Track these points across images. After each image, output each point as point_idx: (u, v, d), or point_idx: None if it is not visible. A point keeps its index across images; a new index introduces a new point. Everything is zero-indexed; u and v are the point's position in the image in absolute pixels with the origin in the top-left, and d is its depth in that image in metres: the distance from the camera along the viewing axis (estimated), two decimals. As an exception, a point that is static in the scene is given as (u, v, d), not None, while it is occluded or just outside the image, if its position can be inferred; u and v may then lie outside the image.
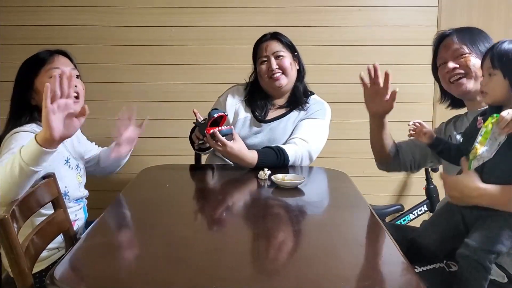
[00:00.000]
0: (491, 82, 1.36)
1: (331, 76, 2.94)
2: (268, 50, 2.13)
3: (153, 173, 2.04)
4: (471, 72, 1.61)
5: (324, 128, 2.18)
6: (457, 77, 1.64)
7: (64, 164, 1.63)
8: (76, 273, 1.11)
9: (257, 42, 2.20)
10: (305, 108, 2.17)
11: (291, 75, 2.15)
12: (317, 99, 2.24)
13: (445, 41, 1.69)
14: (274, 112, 2.20)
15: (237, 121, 2.18)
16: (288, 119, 2.16)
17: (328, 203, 1.66)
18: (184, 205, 1.69)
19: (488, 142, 1.28)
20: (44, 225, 1.42)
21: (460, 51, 1.64)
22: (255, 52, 2.20)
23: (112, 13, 2.91)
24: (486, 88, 1.37)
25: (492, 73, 1.35)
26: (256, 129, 2.16)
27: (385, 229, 1.35)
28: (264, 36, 2.19)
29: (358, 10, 2.90)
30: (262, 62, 2.14)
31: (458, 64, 1.64)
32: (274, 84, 2.13)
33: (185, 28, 2.92)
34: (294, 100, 2.19)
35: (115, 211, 1.53)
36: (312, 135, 2.11)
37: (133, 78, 2.96)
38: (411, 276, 1.05)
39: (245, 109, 2.21)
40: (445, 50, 1.69)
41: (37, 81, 1.63)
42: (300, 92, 2.20)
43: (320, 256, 1.17)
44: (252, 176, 1.90)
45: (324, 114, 2.19)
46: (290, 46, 2.18)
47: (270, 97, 2.21)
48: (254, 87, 2.24)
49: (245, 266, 1.14)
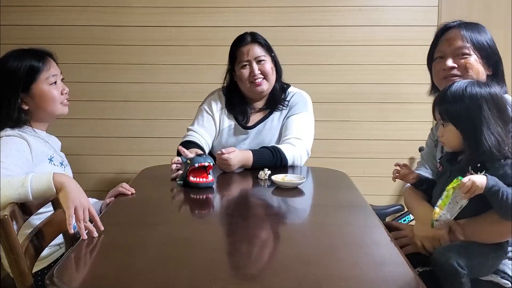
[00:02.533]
0: (445, 132, 1.38)
1: (331, 76, 2.94)
2: (250, 54, 2.09)
3: (153, 173, 2.04)
4: (467, 75, 1.53)
5: (310, 119, 2.19)
6: (451, 76, 1.56)
7: (49, 163, 1.63)
8: (76, 273, 1.11)
9: (236, 44, 2.14)
10: (285, 105, 2.18)
11: (271, 80, 2.14)
12: (295, 91, 2.23)
13: (449, 33, 1.58)
14: (255, 116, 2.19)
15: (222, 129, 2.18)
16: (272, 120, 2.17)
17: (328, 203, 1.66)
18: (184, 205, 1.69)
19: (447, 206, 1.31)
20: (44, 225, 1.41)
21: (462, 50, 1.55)
22: (233, 54, 2.14)
23: (111, 13, 2.91)
24: (443, 138, 1.41)
25: (445, 124, 1.38)
26: (242, 136, 2.16)
27: (385, 229, 1.35)
28: (243, 39, 2.13)
29: (358, 10, 2.90)
30: (243, 67, 2.10)
31: (457, 63, 1.55)
32: (256, 90, 2.12)
33: (185, 28, 2.92)
34: (273, 101, 2.19)
35: (115, 211, 1.53)
36: (303, 131, 2.12)
37: (132, 78, 2.96)
38: (411, 276, 1.05)
39: (228, 117, 2.19)
40: (446, 44, 1.58)
41: (35, 87, 1.64)
42: (278, 92, 2.20)
43: (320, 256, 1.17)
44: (252, 176, 1.89)
45: (305, 105, 2.18)
46: (269, 48, 2.15)
47: (249, 101, 2.20)
48: (231, 91, 2.20)
49: (245, 266, 1.13)
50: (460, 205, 1.31)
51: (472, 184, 1.24)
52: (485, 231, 1.34)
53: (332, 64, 2.93)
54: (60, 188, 1.37)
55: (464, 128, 1.34)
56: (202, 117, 2.20)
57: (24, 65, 1.62)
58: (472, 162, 1.32)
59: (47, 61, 1.67)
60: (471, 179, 1.25)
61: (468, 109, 1.32)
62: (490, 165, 1.29)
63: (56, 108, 1.68)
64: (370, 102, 2.95)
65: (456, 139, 1.37)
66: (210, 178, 1.74)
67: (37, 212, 1.47)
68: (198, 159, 1.72)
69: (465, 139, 1.35)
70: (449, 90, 1.37)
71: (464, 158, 1.37)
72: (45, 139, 1.69)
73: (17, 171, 1.46)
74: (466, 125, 1.33)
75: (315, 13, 2.91)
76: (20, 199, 1.35)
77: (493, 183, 1.25)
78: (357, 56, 2.92)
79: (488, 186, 1.24)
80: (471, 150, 1.32)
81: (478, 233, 1.35)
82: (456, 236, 1.35)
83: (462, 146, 1.37)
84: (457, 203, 1.31)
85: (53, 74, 1.67)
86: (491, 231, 1.34)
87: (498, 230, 1.33)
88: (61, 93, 1.69)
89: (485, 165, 1.30)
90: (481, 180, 1.25)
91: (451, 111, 1.36)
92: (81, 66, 2.93)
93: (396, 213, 2.93)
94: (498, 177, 1.26)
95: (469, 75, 1.54)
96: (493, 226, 1.33)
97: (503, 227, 1.31)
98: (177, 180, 1.80)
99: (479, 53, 1.54)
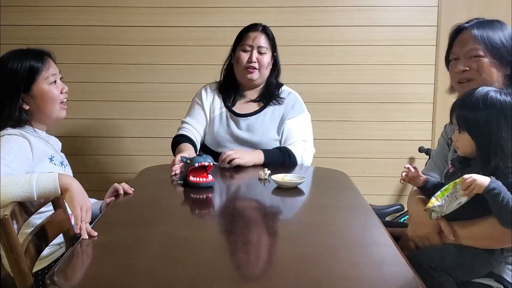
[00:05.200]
0: (460, 138, 1.38)
1: (331, 76, 2.94)
2: (255, 41, 2.15)
3: (153, 173, 2.04)
4: (479, 78, 1.50)
5: (309, 120, 2.27)
6: (465, 80, 1.55)
7: (49, 162, 1.64)
8: (76, 273, 1.11)
9: (246, 29, 2.21)
10: (280, 102, 2.22)
11: (264, 73, 2.20)
12: (288, 90, 2.29)
13: (461, 35, 1.55)
14: (248, 106, 2.23)
15: (213, 117, 2.22)
16: (265, 114, 2.21)
17: (328, 203, 1.66)
18: (184, 205, 1.69)
19: (445, 197, 1.32)
20: (44, 225, 1.41)
21: (473, 52, 1.51)
22: (240, 36, 2.21)
23: (111, 13, 2.91)
24: (457, 143, 1.40)
25: (460, 133, 1.37)
26: (233, 123, 2.20)
27: (385, 229, 1.35)
28: (254, 26, 2.20)
29: (358, 10, 2.90)
30: (244, 50, 2.16)
31: (469, 66, 1.52)
32: (246, 76, 2.17)
33: (184, 28, 2.92)
34: (267, 95, 2.24)
35: (115, 211, 1.53)
36: (306, 133, 2.21)
37: (132, 78, 2.96)
38: (411, 276, 1.05)
39: (220, 104, 2.24)
40: (460, 46, 1.55)
41: (35, 86, 1.65)
42: (273, 87, 2.26)
43: (320, 256, 1.17)
44: (252, 176, 1.90)
45: (302, 106, 2.26)
46: (274, 44, 2.22)
47: (240, 87, 2.26)
48: (227, 73, 2.28)
49: (245, 266, 1.14)
50: (459, 201, 1.30)
51: (472, 181, 1.24)
52: (480, 236, 1.33)
53: (332, 64, 2.93)
54: (65, 189, 1.39)
55: (478, 139, 1.33)
56: (193, 108, 2.28)
57: (25, 66, 1.64)
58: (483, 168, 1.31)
59: (47, 61, 1.69)
60: (473, 176, 1.25)
61: (486, 122, 1.31)
62: (501, 172, 1.29)
63: (55, 108, 1.69)
64: (370, 102, 2.95)
65: (470, 147, 1.36)
66: (210, 178, 1.74)
67: (38, 212, 1.47)
68: (198, 159, 1.72)
69: (478, 149, 1.34)
70: (468, 98, 1.36)
71: (477, 163, 1.36)
72: (46, 139, 1.70)
73: (18, 169, 1.47)
74: (481, 136, 1.32)
75: (315, 13, 2.90)
76: (23, 198, 1.36)
77: (495, 186, 1.24)
78: (357, 56, 2.92)
79: (489, 188, 1.24)
80: (483, 163, 1.32)
81: (471, 237, 1.34)
82: (445, 237, 1.36)
83: (473, 153, 1.36)
84: (456, 199, 1.30)
85: (52, 74, 1.68)
86: (486, 237, 1.32)
87: (494, 236, 1.31)
88: (61, 92, 1.70)
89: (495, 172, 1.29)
90: (482, 180, 1.24)
91: (468, 120, 1.35)
92: (81, 66, 2.93)
93: (396, 212, 2.93)
94: (507, 184, 1.25)
95: (482, 77, 1.50)
96: (489, 232, 1.31)
97: (499, 234, 1.29)
98: (177, 180, 1.80)
99: (492, 54, 1.50)
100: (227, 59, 2.28)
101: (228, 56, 2.27)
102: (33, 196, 1.36)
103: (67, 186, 1.40)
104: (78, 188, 1.41)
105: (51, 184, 1.38)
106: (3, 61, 1.65)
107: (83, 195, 1.41)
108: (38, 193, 1.37)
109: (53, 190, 1.38)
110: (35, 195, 1.36)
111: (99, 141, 3.02)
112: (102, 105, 2.98)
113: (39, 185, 1.37)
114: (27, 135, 1.59)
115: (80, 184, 1.44)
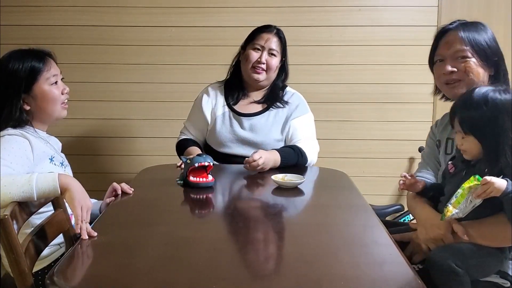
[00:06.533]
0: (466, 142, 1.37)
1: (331, 76, 2.94)
2: (267, 43, 2.15)
3: (153, 173, 2.04)
4: (467, 79, 1.52)
5: (313, 121, 2.28)
6: (453, 81, 1.56)
7: (49, 163, 1.64)
8: (76, 273, 1.11)
9: (260, 29, 2.20)
10: (283, 105, 2.23)
11: (270, 76, 2.20)
12: (292, 91, 2.30)
13: (447, 36, 1.57)
14: (250, 106, 2.23)
15: (216, 117, 2.21)
16: (269, 116, 2.20)
17: (328, 203, 1.66)
18: (184, 205, 1.69)
19: (461, 204, 1.30)
20: (44, 225, 1.41)
21: (461, 53, 1.53)
22: (253, 35, 2.20)
23: (111, 13, 2.91)
24: (463, 147, 1.38)
25: (465, 136, 1.36)
26: (236, 123, 2.19)
27: (385, 229, 1.35)
28: (269, 27, 2.20)
29: (358, 10, 2.90)
30: (255, 49, 2.16)
31: (456, 67, 1.53)
32: (253, 76, 2.17)
33: (185, 28, 2.92)
34: (272, 97, 2.24)
35: (115, 211, 1.53)
36: (311, 132, 2.24)
37: (132, 78, 2.96)
38: (412, 276, 1.05)
39: (223, 104, 2.24)
40: (446, 47, 1.56)
41: (36, 87, 1.65)
42: (278, 89, 2.27)
43: (320, 256, 1.18)
44: (252, 176, 1.90)
45: (306, 107, 2.26)
46: (284, 49, 2.23)
47: (245, 87, 2.26)
48: (234, 71, 2.28)
49: (245, 266, 1.14)
50: (473, 204, 1.29)
51: (490, 185, 1.23)
52: (492, 235, 1.33)
53: (332, 64, 2.93)
54: (65, 189, 1.39)
55: (485, 140, 1.32)
56: (193, 114, 2.30)
57: (26, 66, 1.63)
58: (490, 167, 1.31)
59: (48, 61, 1.68)
60: (492, 180, 1.23)
61: (490, 122, 1.30)
62: (509, 171, 1.28)
63: (57, 108, 1.69)
64: (370, 102, 2.95)
65: (478, 150, 1.35)
66: (210, 178, 1.74)
67: (37, 212, 1.47)
68: (198, 159, 1.72)
69: (485, 150, 1.33)
70: (468, 100, 1.35)
71: (482, 163, 1.35)
72: (46, 139, 1.70)
73: (19, 169, 1.47)
74: (487, 137, 1.32)
75: (315, 13, 2.90)
76: (23, 198, 1.36)
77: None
78: (357, 56, 2.92)
79: (507, 191, 1.23)
80: (490, 163, 1.31)
81: (483, 236, 1.33)
82: (459, 237, 1.35)
83: (480, 155, 1.35)
84: (471, 202, 1.29)
85: (53, 74, 1.68)
86: (498, 235, 1.32)
87: (506, 235, 1.31)
88: (62, 93, 1.70)
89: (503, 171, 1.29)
90: (501, 183, 1.23)
91: (472, 123, 1.33)
92: (81, 66, 2.93)
93: (395, 212, 2.93)
94: None
95: (470, 78, 1.52)
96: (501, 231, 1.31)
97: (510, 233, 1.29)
98: (177, 180, 1.80)
99: (479, 55, 1.52)
100: (236, 56, 2.28)
101: (237, 53, 2.27)
102: (33, 196, 1.36)
103: (67, 186, 1.40)
104: (78, 188, 1.41)
105: (51, 184, 1.38)
106: (4, 61, 1.65)
107: (83, 195, 1.41)
108: (38, 193, 1.37)
109: (53, 190, 1.39)
110: (35, 195, 1.37)
111: (99, 141, 3.02)
112: (102, 105, 2.98)
113: (39, 185, 1.37)
114: (27, 135, 1.59)
115: (80, 184, 1.44)
